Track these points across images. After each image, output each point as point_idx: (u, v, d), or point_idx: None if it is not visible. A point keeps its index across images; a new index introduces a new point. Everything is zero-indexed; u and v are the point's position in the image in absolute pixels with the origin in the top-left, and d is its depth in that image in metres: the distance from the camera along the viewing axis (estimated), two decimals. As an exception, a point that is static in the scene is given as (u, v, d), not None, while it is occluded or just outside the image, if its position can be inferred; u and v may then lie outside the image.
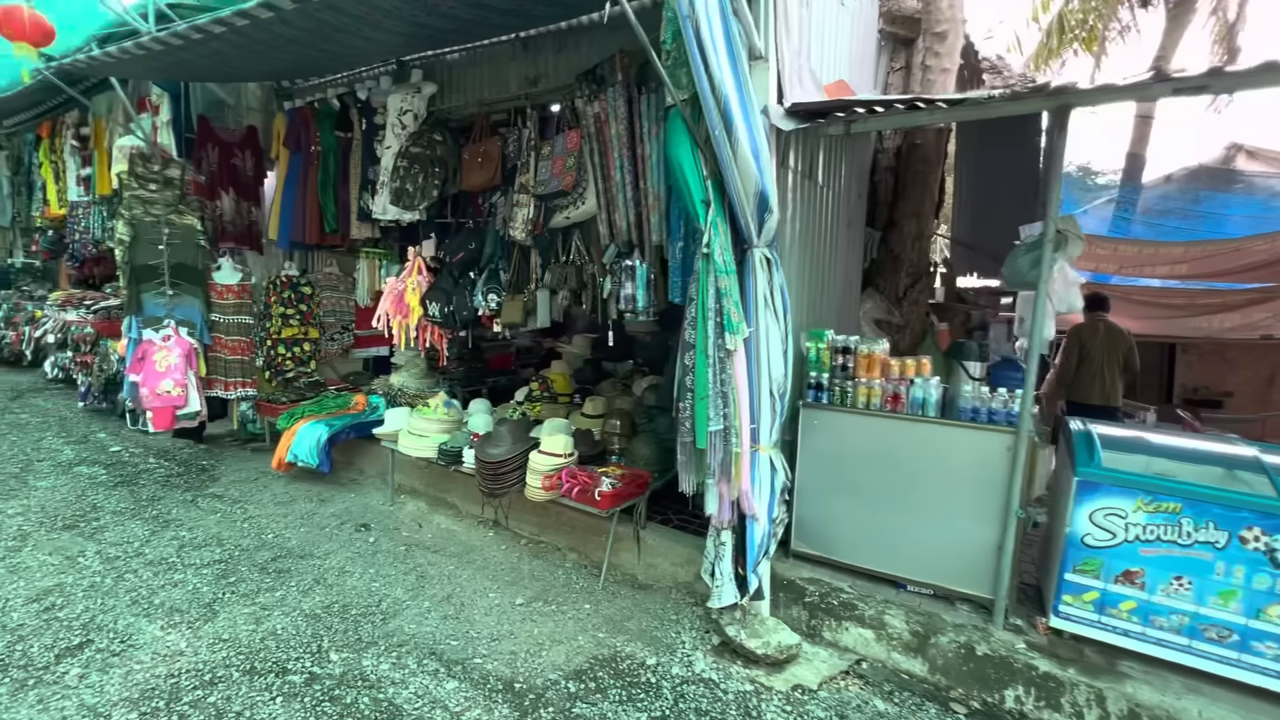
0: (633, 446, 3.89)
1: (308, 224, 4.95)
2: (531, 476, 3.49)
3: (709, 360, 2.62)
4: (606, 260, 3.69)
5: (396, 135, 4.38)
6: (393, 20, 2.95)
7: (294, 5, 2.78)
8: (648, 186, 3.48)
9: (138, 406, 4.74)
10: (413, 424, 4.16)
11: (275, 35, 3.18)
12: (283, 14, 2.87)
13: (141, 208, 4.73)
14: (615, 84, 3.45)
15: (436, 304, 4.33)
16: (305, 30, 3.11)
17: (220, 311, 5.14)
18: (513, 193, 3.93)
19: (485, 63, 4.30)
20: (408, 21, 2.97)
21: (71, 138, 6.68)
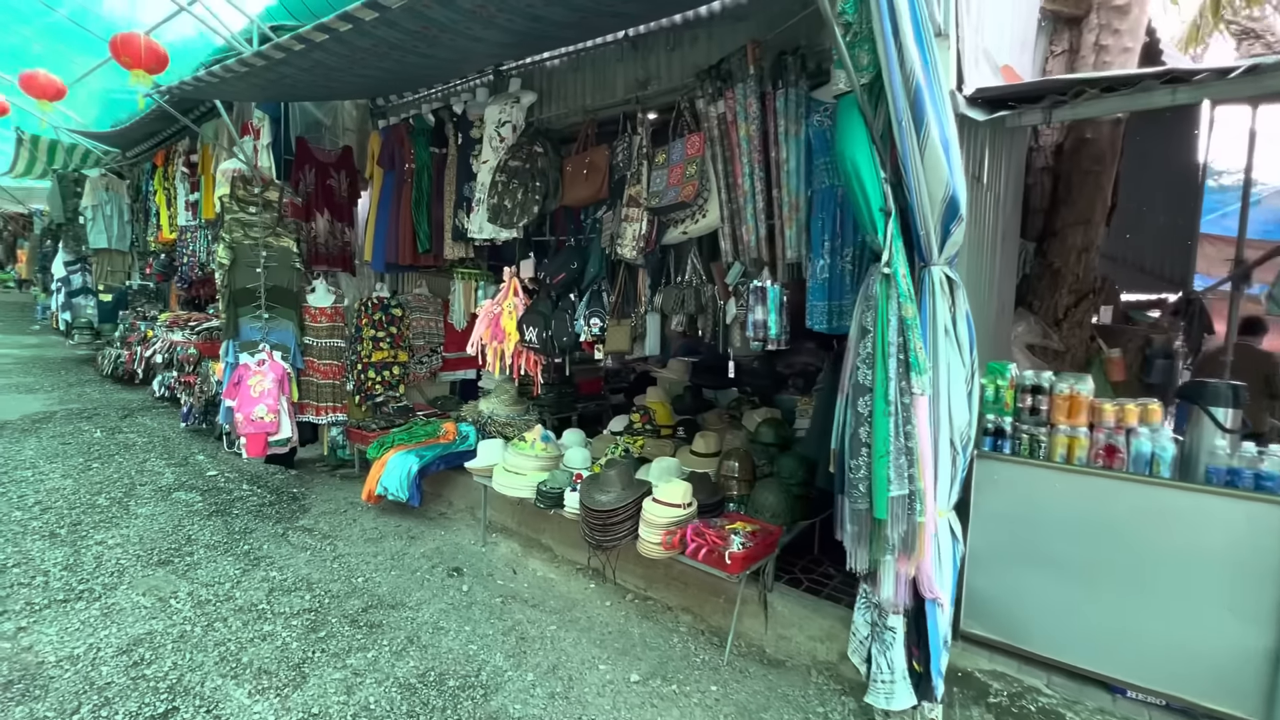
0: (756, 494, 3.38)
1: (401, 244, 4.76)
2: (647, 530, 3.04)
3: (890, 408, 2.09)
4: (730, 280, 3.23)
5: (494, 149, 4.11)
6: (506, 14, 2.62)
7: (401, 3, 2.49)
8: (783, 195, 3.00)
9: (233, 431, 4.66)
10: (508, 460, 3.81)
11: (377, 40, 2.93)
12: (388, 14, 2.59)
13: (241, 230, 4.68)
14: (746, 79, 3.00)
15: (534, 329, 3.99)
16: (409, 33, 2.84)
17: (313, 335, 5.03)
18: (621, 206, 3.54)
19: (588, 67, 3.97)
20: (523, 14, 2.63)
21: (182, 165, 6.90)
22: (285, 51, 3.21)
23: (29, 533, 3.79)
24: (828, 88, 2.87)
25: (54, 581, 3.27)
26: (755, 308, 3.09)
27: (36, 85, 5.49)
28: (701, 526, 2.91)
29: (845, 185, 2.15)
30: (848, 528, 2.20)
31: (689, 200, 3.14)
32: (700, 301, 3.37)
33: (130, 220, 9.26)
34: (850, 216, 2.78)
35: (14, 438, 5.55)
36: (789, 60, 2.90)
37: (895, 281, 2.10)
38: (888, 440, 2.09)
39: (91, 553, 3.60)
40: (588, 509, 3.15)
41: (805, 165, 2.90)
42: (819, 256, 2.90)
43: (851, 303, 2.82)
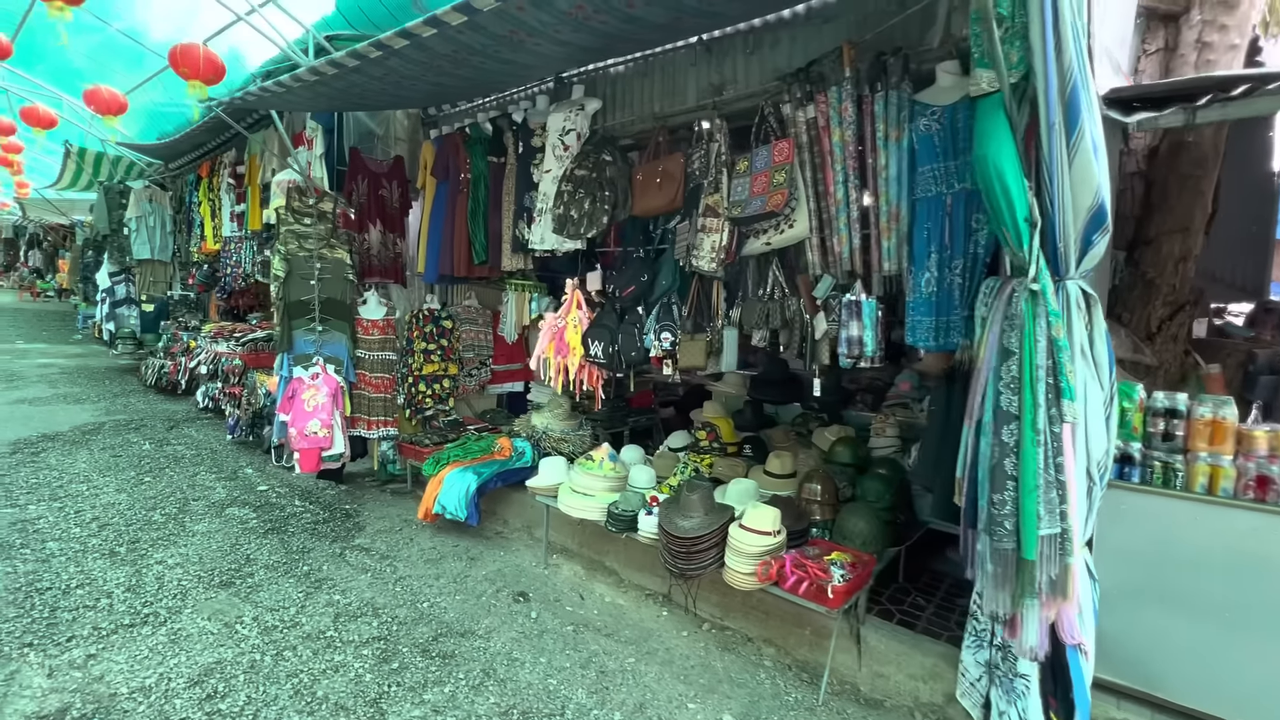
0: (843, 520, 3.19)
1: (456, 256, 4.66)
2: (737, 559, 2.86)
3: (1039, 437, 1.90)
4: (820, 294, 3.06)
5: (558, 157, 3.99)
6: (602, 14, 2.49)
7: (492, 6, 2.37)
8: (880, 204, 2.82)
9: (287, 446, 4.57)
10: (575, 480, 3.66)
11: (459, 45, 2.83)
12: (477, 18, 2.48)
13: (296, 242, 4.61)
14: (841, 82, 2.84)
15: (599, 343, 3.85)
16: (494, 38, 2.73)
17: (365, 348, 4.95)
18: (697, 216, 3.39)
19: (657, 72, 3.84)
20: (619, 14, 2.50)
21: (228, 176, 6.91)
22: (360, 59, 3.12)
23: (89, 551, 3.72)
24: (933, 90, 2.72)
25: (118, 604, 3.19)
26: (850, 323, 2.92)
27: (100, 100, 5.52)
28: (800, 557, 2.73)
29: (986, 193, 1.98)
30: (988, 568, 2.00)
31: (777, 210, 2.98)
32: (785, 316, 3.20)
33: (173, 231, 9.33)
34: (960, 227, 2.61)
35: (66, 450, 5.54)
36: (890, 62, 2.73)
37: (1043, 299, 1.92)
38: (1037, 473, 1.90)
39: (153, 573, 3.52)
40: (670, 535, 2.98)
41: (908, 172, 2.73)
42: (922, 269, 2.72)
43: (960, 318, 2.66)
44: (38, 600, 3.15)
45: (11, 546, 3.69)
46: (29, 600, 3.15)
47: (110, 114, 5.77)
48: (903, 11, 2.80)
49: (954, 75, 2.66)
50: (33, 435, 5.86)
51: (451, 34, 2.64)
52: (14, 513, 4.18)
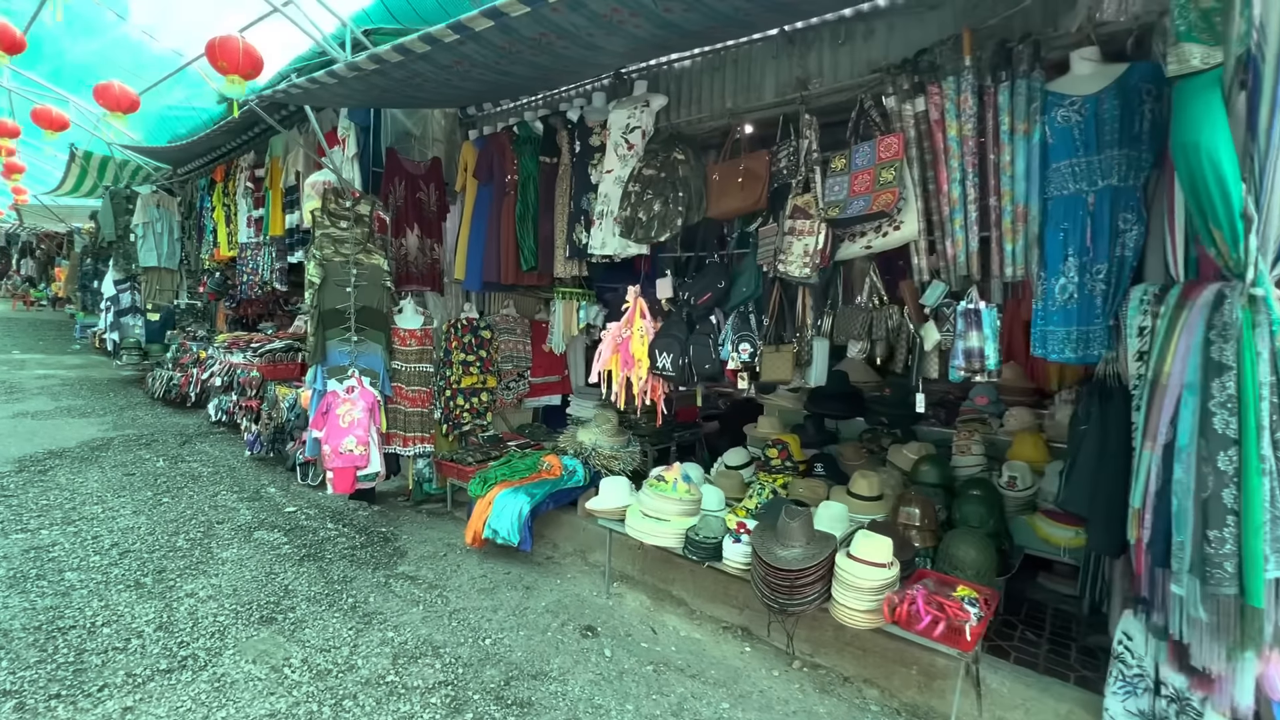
0: (952, 548, 2.92)
1: (502, 262, 4.39)
2: (850, 595, 2.58)
3: (1264, 465, 1.65)
4: (930, 302, 2.81)
5: (621, 157, 3.74)
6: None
7: None
8: (1003, 203, 2.58)
9: (318, 464, 4.26)
10: (646, 503, 3.38)
11: (518, 38, 2.58)
12: (539, 8, 2.24)
13: (332, 247, 4.33)
14: (961, 72, 2.61)
15: (669, 355, 3.57)
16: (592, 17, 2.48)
17: (402, 359, 4.66)
18: (784, 218, 3.14)
19: (729, 66, 3.60)
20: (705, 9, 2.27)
21: (246, 180, 6.63)
22: (405, 54, 2.85)
23: (112, 582, 3.40)
24: (1069, 79, 2.49)
25: (151, 645, 2.86)
26: (969, 333, 2.66)
27: (111, 97, 5.24)
28: (933, 594, 2.45)
29: (1194, 186, 1.73)
30: (1201, 616, 1.74)
31: (886, 210, 2.73)
32: (889, 325, 2.95)
33: (180, 238, 9.02)
34: (1105, 227, 2.36)
35: (76, 467, 5.19)
36: (1020, 50, 2.50)
37: (1267, 306, 1.67)
38: (1260, 509, 1.64)
39: (184, 607, 3.20)
40: (770, 567, 2.70)
41: (1039, 169, 2.49)
42: (1056, 275, 2.48)
43: (1103, 329, 2.41)
44: (61, 642, 2.83)
45: (26, 578, 3.36)
46: (52, 642, 2.82)
47: (120, 111, 5.48)
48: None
49: (1093, 63, 2.43)
50: (38, 452, 5.52)
51: (512, 24, 2.41)
52: (25, 538, 3.85)
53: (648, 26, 2.55)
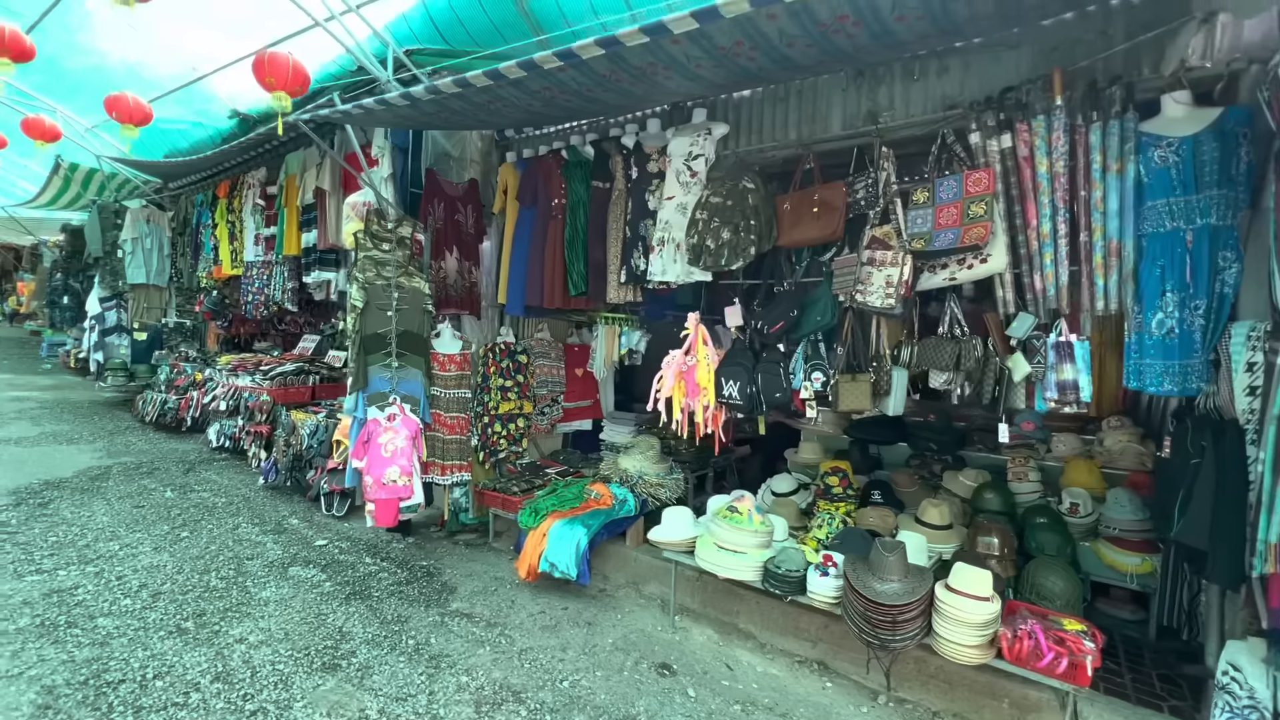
0: (1038, 578, 2.93)
1: (547, 286, 4.31)
2: (956, 630, 2.56)
3: None
4: (1019, 334, 2.84)
5: (683, 184, 3.72)
6: (754, 54, 2.27)
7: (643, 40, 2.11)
8: (1094, 239, 2.64)
9: (361, 496, 4.07)
10: (721, 535, 3.31)
11: (588, 80, 2.57)
12: (618, 50, 2.23)
13: (374, 269, 4.19)
14: (1052, 111, 2.67)
15: (735, 383, 3.55)
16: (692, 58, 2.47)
17: (441, 385, 4.52)
18: (861, 248, 3.16)
19: (792, 97, 3.64)
20: (774, 55, 2.28)
21: (257, 196, 6.41)
22: (497, 79, 2.78)
23: (150, 628, 3.16)
24: (1161, 120, 2.58)
25: (211, 699, 2.66)
26: (1062, 366, 2.71)
27: (124, 108, 5.02)
28: (1052, 629, 2.44)
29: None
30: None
31: (979, 243, 2.77)
32: (975, 356, 2.97)
33: (170, 254, 8.67)
34: (1204, 264, 2.44)
35: (78, 499, 4.87)
36: (1113, 92, 2.58)
37: None
38: None
39: (237, 654, 2.99)
40: (870, 602, 2.66)
41: (1134, 207, 2.56)
42: (1153, 309, 2.54)
43: (1202, 362, 2.47)
44: (114, 698, 2.60)
45: (56, 626, 3.11)
46: (102, 699, 2.60)
47: (133, 123, 5.26)
48: (1129, 40, 2.67)
49: (1185, 106, 2.52)
50: (33, 482, 5.16)
51: (588, 67, 2.40)
52: (43, 580, 3.57)
53: (761, 60, 2.55)
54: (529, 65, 2.63)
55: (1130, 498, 3.45)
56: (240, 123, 6.16)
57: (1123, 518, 3.42)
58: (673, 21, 2.31)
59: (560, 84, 2.86)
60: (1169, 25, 2.60)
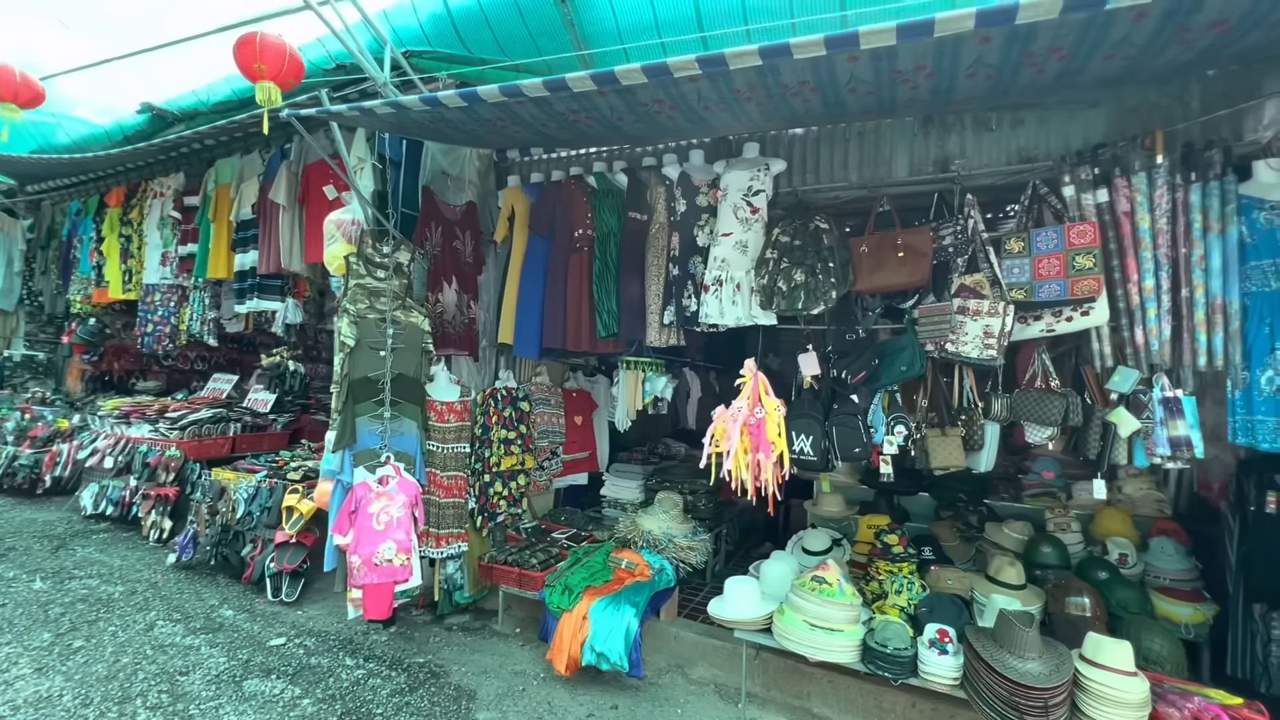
0: (1140, 640, 2.83)
1: (571, 326, 3.82)
2: (1113, 711, 2.35)
3: None
4: (1123, 388, 2.79)
5: (742, 220, 3.45)
6: (809, 94, 2.18)
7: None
8: (1194, 295, 2.67)
9: (349, 583, 3.25)
10: (809, 611, 2.94)
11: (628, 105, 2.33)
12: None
13: (367, 301, 3.49)
14: (1152, 169, 2.71)
15: (808, 437, 3.25)
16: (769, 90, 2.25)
17: (438, 439, 3.82)
18: (949, 296, 3.03)
19: (852, 138, 3.51)
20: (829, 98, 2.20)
21: (170, 207, 5.33)
22: (554, 90, 2.39)
23: (66, 802, 2.21)
24: (1255, 184, 2.67)
25: None
26: (1174, 422, 2.67)
27: (8, 84, 3.94)
28: (1216, 709, 2.29)
29: None
30: None
31: (1093, 295, 2.71)
32: (1080, 412, 2.89)
33: (22, 271, 7.04)
34: (1311, 324, 2.51)
35: (-99, 603, 3.54)
36: (1212, 155, 2.65)
37: None
38: None
39: (213, 831, 2.14)
40: (1017, 685, 2.40)
41: (1238, 266, 2.61)
42: (1261, 366, 2.58)
43: (1313, 419, 2.52)
44: None
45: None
46: None
47: (17, 103, 4.16)
48: (1203, 106, 2.78)
49: (1278, 172, 2.63)
50: None
51: (622, 93, 2.18)
52: None
53: (815, 102, 2.49)
54: (557, 85, 2.28)
55: (1176, 546, 3.52)
56: (153, 119, 5.12)
57: (1170, 567, 3.47)
58: (734, 56, 2.10)
59: (592, 109, 2.53)
60: (1247, 103, 2.74)
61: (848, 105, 2.72)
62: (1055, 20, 1.86)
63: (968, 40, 2.03)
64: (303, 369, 5.65)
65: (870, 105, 2.76)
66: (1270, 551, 2.74)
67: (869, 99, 2.64)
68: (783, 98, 2.60)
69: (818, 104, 2.68)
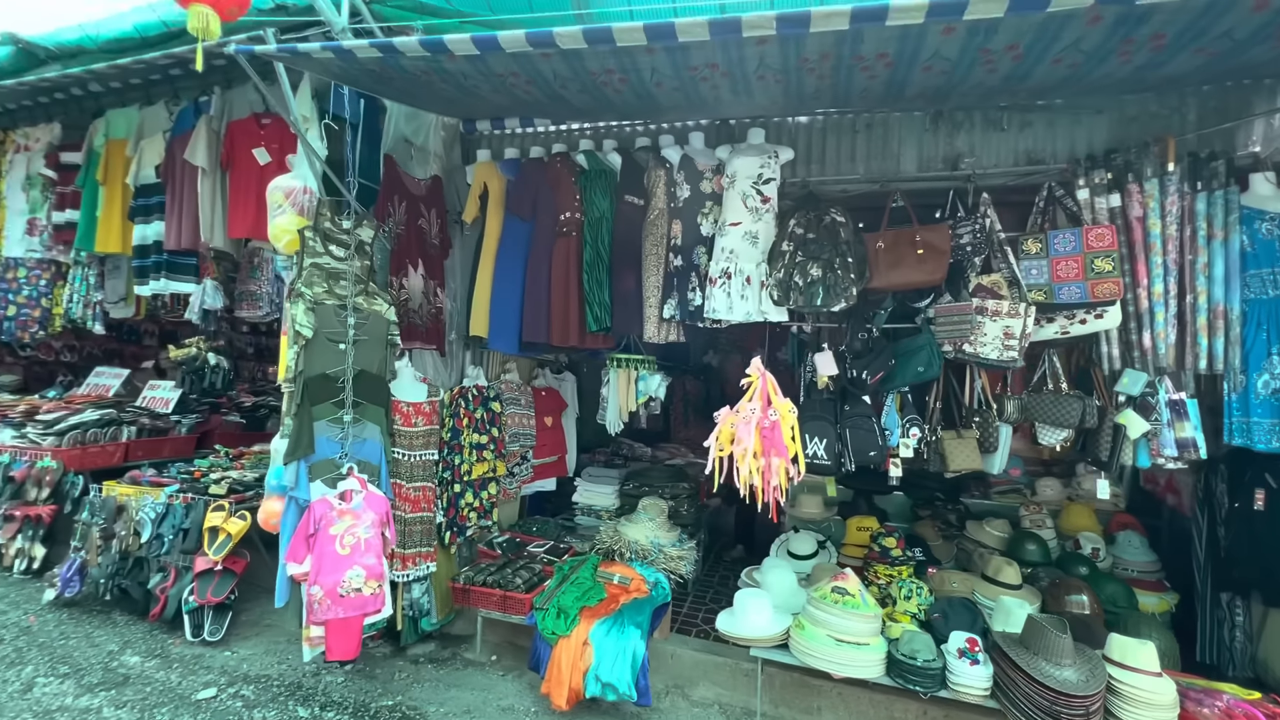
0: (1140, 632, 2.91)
1: (557, 319, 3.46)
2: (1143, 713, 2.36)
3: None
4: (1131, 391, 2.84)
5: (752, 209, 3.24)
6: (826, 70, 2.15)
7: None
8: (1198, 301, 2.76)
9: (308, 619, 2.72)
10: (833, 624, 2.78)
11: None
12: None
13: (325, 285, 2.96)
14: (1164, 176, 2.77)
15: (821, 440, 3.10)
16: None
17: (405, 445, 3.33)
18: (966, 296, 2.98)
19: (862, 130, 3.40)
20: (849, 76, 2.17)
21: (41, 164, 4.37)
22: (541, 45, 2.11)
23: None
24: (1253, 195, 2.79)
25: None
26: (1179, 424, 2.75)
27: None
28: (1252, 707, 2.34)
29: None
30: None
31: (1108, 299, 2.73)
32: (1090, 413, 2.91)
33: None
34: (1306, 330, 2.65)
35: None
36: (1216, 166, 2.75)
37: None
38: None
39: None
40: (1058, 694, 2.36)
41: (1239, 274, 2.72)
42: (1259, 370, 2.70)
43: (1304, 421, 2.67)
44: None
45: None
46: None
47: None
48: (1198, 117, 2.88)
49: (1273, 185, 2.77)
50: None
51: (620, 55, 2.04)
52: None
53: (828, 81, 2.46)
54: (588, 38, 2.01)
55: (1140, 539, 3.71)
56: (18, 53, 4.16)
57: (1137, 559, 3.65)
58: (752, 22, 1.91)
59: (580, 74, 2.31)
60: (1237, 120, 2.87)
61: (857, 87, 2.64)
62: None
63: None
64: (225, 363, 4.83)
65: (878, 91, 2.70)
66: (1254, 544, 2.89)
67: (875, 84, 2.58)
68: (799, 72, 2.46)
69: (827, 85, 2.60)
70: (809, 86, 2.67)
